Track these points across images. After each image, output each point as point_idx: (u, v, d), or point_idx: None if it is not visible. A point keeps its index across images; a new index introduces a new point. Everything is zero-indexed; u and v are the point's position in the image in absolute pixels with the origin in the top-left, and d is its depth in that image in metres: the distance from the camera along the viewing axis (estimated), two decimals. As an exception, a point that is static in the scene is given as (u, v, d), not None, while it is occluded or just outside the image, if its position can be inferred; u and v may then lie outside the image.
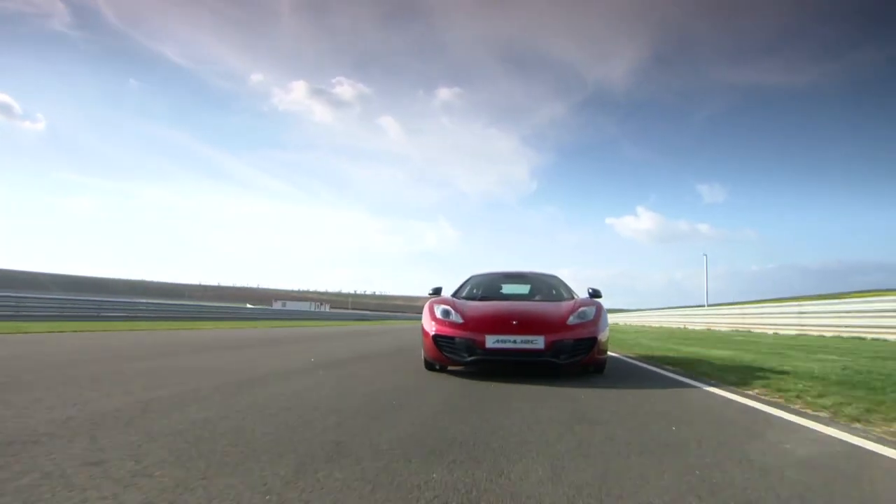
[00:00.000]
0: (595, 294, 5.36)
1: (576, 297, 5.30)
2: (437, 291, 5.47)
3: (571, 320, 4.29)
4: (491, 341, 4.10)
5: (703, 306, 26.89)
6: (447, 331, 4.33)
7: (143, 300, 27.50)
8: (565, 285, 5.71)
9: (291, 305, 79.73)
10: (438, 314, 4.53)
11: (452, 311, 4.50)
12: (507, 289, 5.82)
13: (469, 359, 4.17)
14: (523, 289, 5.84)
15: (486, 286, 5.71)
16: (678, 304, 25.30)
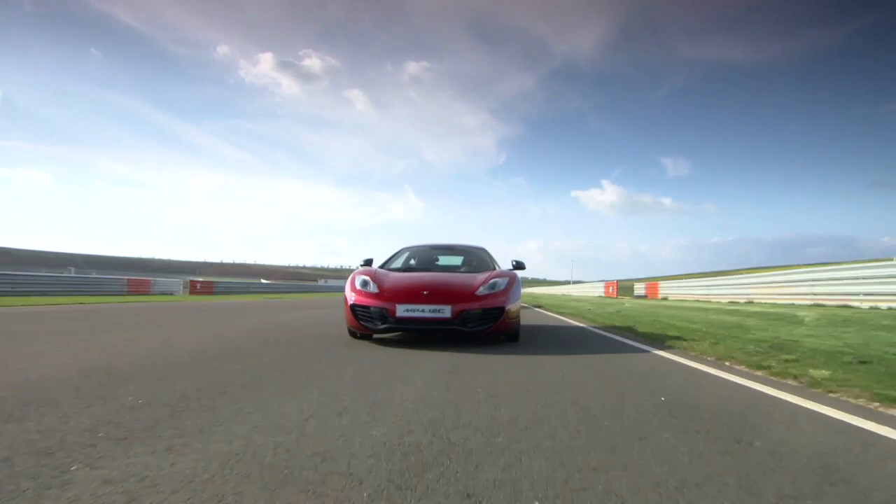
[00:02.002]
0: (518, 266, 5.72)
1: (498, 268, 5.55)
2: (368, 262, 5.61)
3: (481, 291, 4.51)
4: (401, 310, 4.29)
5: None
6: (363, 300, 4.49)
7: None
8: (491, 257, 5.97)
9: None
10: (358, 285, 4.68)
11: (370, 282, 4.65)
12: (444, 260, 6.00)
13: (381, 326, 4.35)
14: (456, 260, 6.04)
15: (416, 258, 5.92)
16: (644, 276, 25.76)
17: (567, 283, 70.78)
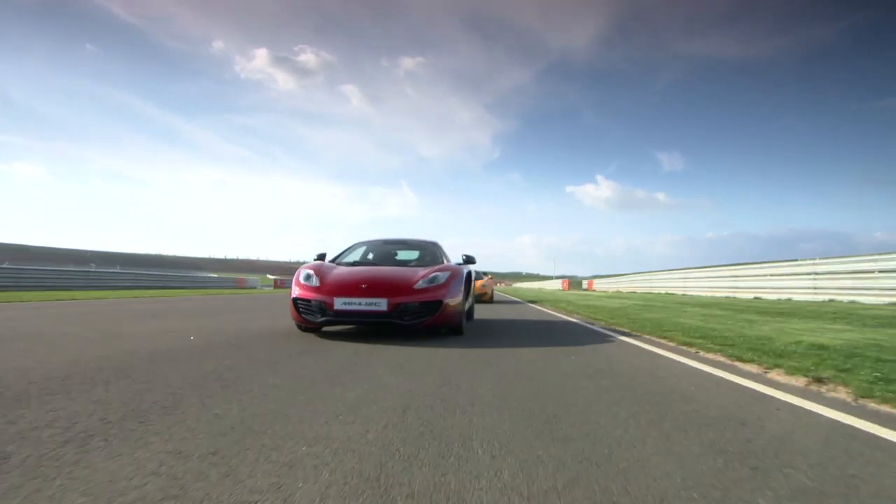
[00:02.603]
0: (468, 260, 5.87)
1: (447, 262, 5.63)
2: (321, 257, 5.70)
3: (420, 284, 4.60)
4: (339, 303, 4.37)
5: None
6: (304, 293, 4.57)
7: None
8: (442, 251, 6.05)
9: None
10: (301, 279, 4.75)
11: (313, 276, 4.72)
12: (396, 255, 6.07)
13: (321, 319, 4.44)
14: (407, 255, 6.11)
15: (367, 252, 6.01)
16: (639, 270, 29.81)
17: (550, 278, 78.40)
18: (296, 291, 4.65)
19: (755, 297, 15.11)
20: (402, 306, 4.41)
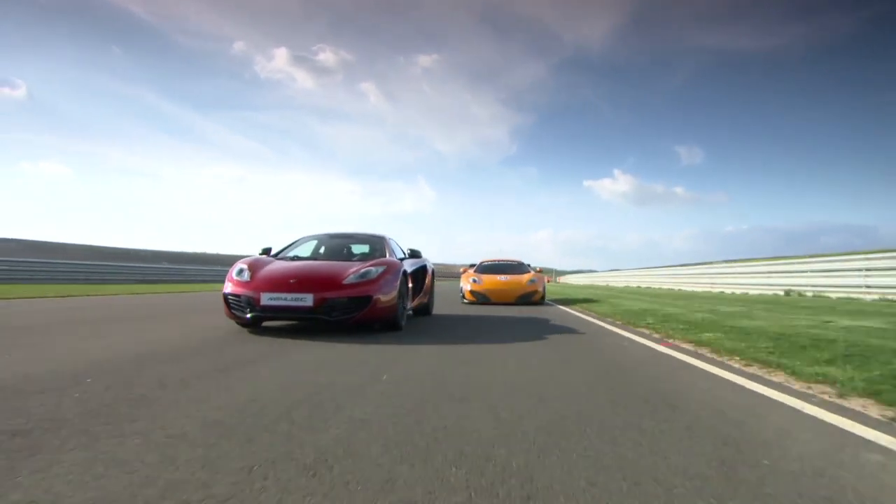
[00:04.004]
0: (413, 254, 5.72)
1: (388, 256, 5.48)
2: (266, 251, 5.60)
3: (350, 279, 4.48)
4: (265, 299, 4.28)
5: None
6: (234, 289, 4.49)
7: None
8: (387, 245, 5.87)
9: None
10: (234, 274, 4.68)
11: (245, 271, 4.64)
12: (338, 249, 5.94)
13: (248, 315, 4.36)
14: (354, 248, 6.00)
15: (311, 247, 5.90)
16: (652, 265, 31.25)
17: (565, 273, 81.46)
18: (227, 287, 4.58)
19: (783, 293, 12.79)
20: (330, 302, 4.31)
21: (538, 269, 11.52)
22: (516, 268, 11.51)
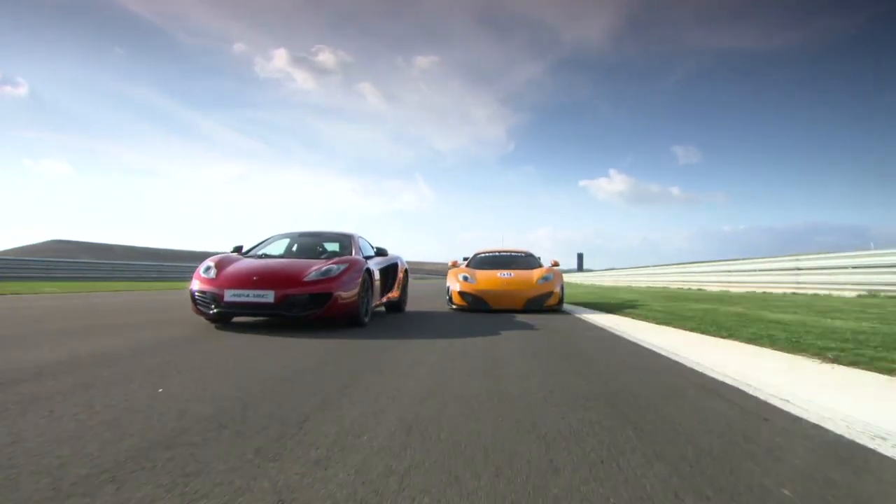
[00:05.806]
0: (379, 252, 5.93)
1: (355, 254, 5.61)
2: (237, 249, 5.73)
3: (311, 276, 4.62)
4: (229, 295, 4.45)
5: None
6: (200, 285, 4.67)
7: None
8: (354, 243, 5.96)
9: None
10: (201, 271, 4.84)
11: (212, 268, 4.81)
12: (308, 247, 6.08)
13: (213, 311, 4.53)
14: (327, 246, 6.14)
15: (280, 245, 6.06)
16: (649, 264, 30.38)
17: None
18: (195, 284, 4.74)
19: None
20: (290, 298, 4.46)
21: (554, 262, 8.50)
22: (523, 261, 8.57)
